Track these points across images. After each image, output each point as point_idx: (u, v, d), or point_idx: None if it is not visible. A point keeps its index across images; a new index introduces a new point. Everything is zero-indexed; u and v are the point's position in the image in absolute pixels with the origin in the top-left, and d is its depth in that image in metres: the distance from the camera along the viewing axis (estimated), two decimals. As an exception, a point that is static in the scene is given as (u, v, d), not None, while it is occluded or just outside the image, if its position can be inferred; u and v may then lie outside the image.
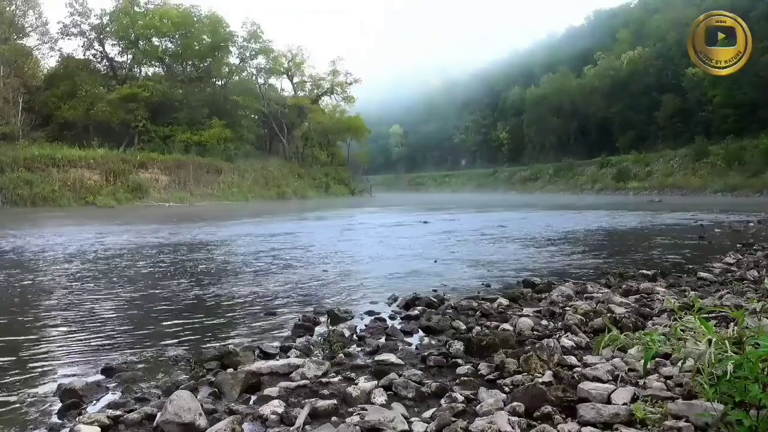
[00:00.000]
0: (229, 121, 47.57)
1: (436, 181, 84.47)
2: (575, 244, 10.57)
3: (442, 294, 5.38)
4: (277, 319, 4.73)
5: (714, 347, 2.01)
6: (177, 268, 7.84)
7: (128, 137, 42.99)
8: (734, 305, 3.78)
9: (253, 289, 6.07)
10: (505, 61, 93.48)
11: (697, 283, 5.65)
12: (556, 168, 63.45)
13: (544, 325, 3.89)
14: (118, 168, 35.16)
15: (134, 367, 3.33)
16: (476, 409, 2.44)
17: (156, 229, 15.53)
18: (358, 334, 3.96)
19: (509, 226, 15.04)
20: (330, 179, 54.30)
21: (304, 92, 59.60)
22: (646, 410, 2.19)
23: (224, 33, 51.10)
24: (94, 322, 4.66)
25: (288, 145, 55.60)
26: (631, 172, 51.64)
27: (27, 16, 44.02)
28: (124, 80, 47.77)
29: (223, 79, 53.79)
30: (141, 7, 49.11)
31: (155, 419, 2.39)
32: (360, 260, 8.76)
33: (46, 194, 30.02)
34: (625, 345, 2.90)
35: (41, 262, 8.59)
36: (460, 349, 3.36)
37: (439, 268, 7.59)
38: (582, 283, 5.66)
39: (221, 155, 43.90)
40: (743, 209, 21.21)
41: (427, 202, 37.25)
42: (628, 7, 76.10)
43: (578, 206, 27.48)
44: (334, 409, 2.50)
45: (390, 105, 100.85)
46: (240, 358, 3.31)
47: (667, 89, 53.40)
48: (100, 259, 9.09)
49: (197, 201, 36.87)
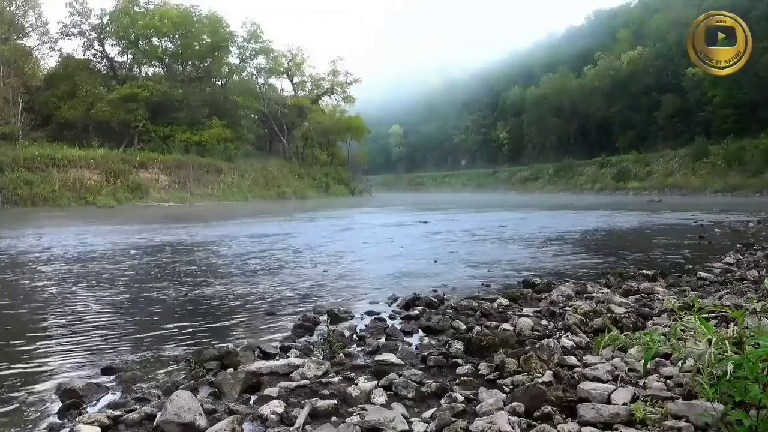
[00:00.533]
0: (229, 121, 47.58)
1: (436, 181, 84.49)
2: (575, 244, 10.57)
3: (442, 294, 5.38)
4: (277, 319, 4.73)
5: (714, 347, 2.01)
6: (177, 268, 7.84)
7: (128, 137, 43.00)
8: (734, 305, 3.78)
9: (253, 289, 6.07)
10: (505, 61, 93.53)
11: (697, 283, 5.64)
12: (556, 168, 63.46)
13: (544, 325, 3.89)
14: (118, 168, 35.15)
15: (134, 367, 3.33)
16: (476, 409, 2.44)
17: (156, 229, 15.53)
18: (358, 334, 3.96)
19: (509, 226, 15.04)
20: (330, 179, 54.32)
21: (304, 92, 59.62)
22: (646, 410, 2.19)
23: (224, 33, 51.11)
24: (94, 321, 4.66)
25: (288, 145, 55.62)
26: (631, 172, 51.67)
27: (27, 16, 44.10)
28: (124, 80, 47.78)
29: (223, 79, 53.81)
30: (141, 7, 49.14)
31: (155, 419, 2.38)
32: (360, 260, 8.76)
33: (46, 194, 30.02)
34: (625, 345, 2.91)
35: (41, 262, 8.58)
36: (460, 349, 3.36)
37: (439, 268, 7.59)
38: (582, 283, 5.66)
39: (221, 155, 43.90)
40: (743, 209, 21.20)
41: (426, 202, 37.25)
42: (628, 7, 76.16)
43: (578, 206, 27.47)
44: (334, 409, 2.50)
45: (390, 105, 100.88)
46: (240, 358, 3.31)
47: (667, 89, 53.43)
48: (100, 259, 9.09)
49: (197, 201, 36.87)
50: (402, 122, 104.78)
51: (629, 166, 52.71)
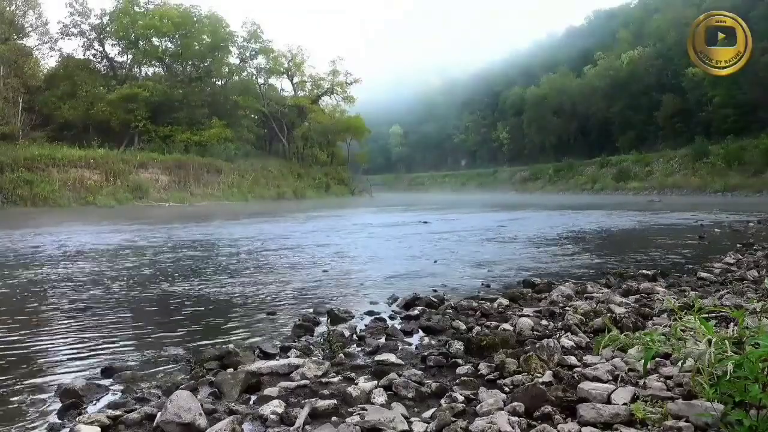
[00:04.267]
0: (229, 121, 47.59)
1: (436, 181, 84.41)
2: (575, 244, 10.57)
3: (442, 294, 5.38)
4: (277, 319, 4.73)
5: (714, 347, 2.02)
6: (176, 268, 7.84)
7: (128, 137, 43.01)
8: (734, 305, 3.78)
9: (253, 289, 6.07)
10: (505, 61, 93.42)
11: (697, 283, 5.64)
12: (556, 168, 63.40)
13: (544, 325, 3.89)
14: (118, 168, 35.13)
15: (134, 367, 3.34)
16: (476, 409, 2.44)
17: (155, 229, 15.53)
18: (358, 334, 3.96)
19: (509, 226, 15.05)
20: (330, 179, 54.30)
21: (304, 92, 59.58)
22: (646, 410, 2.19)
23: (224, 33, 51.11)
24: (94, 321, 4.66)
25: (288, 145, 55.61)
26: (631, 172, 51.61)
27: (27, 16, 44.02)
28: (124, 80, 47.77)
29: (223, 79, 53.80)
30: (141, 7, 49.12)
31: (155, 419, 2.38)
32: (360, 260, 8.77)
33: (46, 194, 29.98)
34: (625, 345, 2.91)
35: (40, 262, 8.58)
36: (460, 349, 3.36)
37: (439, 268, 7.58)
38: (582, 283, 5.66)
39: (221, 155, 43.88)
40: (743, 209, 21.20)
41: (426, 202, 37.25)
42: (628, 7, 76.07)
43: (578, 206, 27.47)
44: (334, 409, 2.50)
45: (390, 105, 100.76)
46: (240, 358, 3.32)
47: (667, 89, 53.38)
48: (100, 258, 9.09)
49: (197, 201, 36.86)
50: (402, 122, 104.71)
51: (629, 166, 52.65)
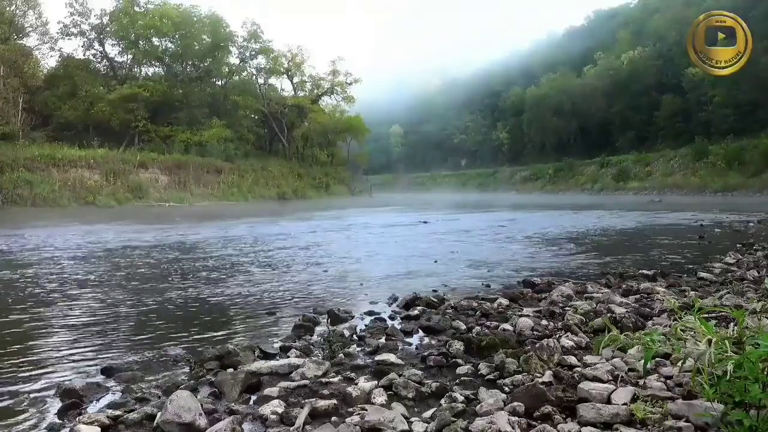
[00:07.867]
0: (229, 121, 47.52)
1: (436, 181, 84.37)
2: (575, 244, 10.56)
3: (442, 294, 5.38)
4: (277, 319, 4.73)
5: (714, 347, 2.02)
6: (177, 268, 7.84)
7: (128, 137, 42.96)
8: (734, 305, 3.78)
9: (253, 289, 6.07)
10: (505, 61, 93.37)
11: (697, 283, 5.63)
12: (556, 168, 63.37)
13: (544, 325, 3.89)
14: (118, 168, 35.10)
15: (134, 367, 3.33)
16: (476, 409, 2.44)
17: (155, 229, 15.53)
18: (358, 334, 3.96)
19: (509, 226, 15.05)
20: (330, 179, 54.27)
21: (304, 92, 59.53)
22: (646, 410, 2.19)
23: (224, 33, 51.03)
24: (94, 322, 4.66)
25: (288, 145, 55.56)
26: (631, 172, 51.59)
27: (27, 16, 43.99)
28: (124, 80, 47.70)
29: (223, 79, 53.74)
30: (141, 7, 49.03)
31: (155, 419, 2.39)
32: (360, 260, 8.76)
33: (46, 194, 29.95)
34: (625, 345, 2.91)
35: (41, 262, 8.58)
36: (460, 349, 3.36)
37: (439, 268, 7.59)
38: (582, 283, 5.66)
39: (221, 155, 43.84)
40: (743, 209, 21.19)
41: (426, 202, 37.25)
42: (628, 7, 76.07)
43: (578, 206, 27.47)
44: (334, 409, 2.50)
45: (390, 105, 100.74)
46: (240, 358, 3.31)
47: (667, 89, 53.37)
48: (100, 258, 9.09)
49: (197, 201, 36.84)
50: (402, 122, 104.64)
51: (629, 166, 52.63)
